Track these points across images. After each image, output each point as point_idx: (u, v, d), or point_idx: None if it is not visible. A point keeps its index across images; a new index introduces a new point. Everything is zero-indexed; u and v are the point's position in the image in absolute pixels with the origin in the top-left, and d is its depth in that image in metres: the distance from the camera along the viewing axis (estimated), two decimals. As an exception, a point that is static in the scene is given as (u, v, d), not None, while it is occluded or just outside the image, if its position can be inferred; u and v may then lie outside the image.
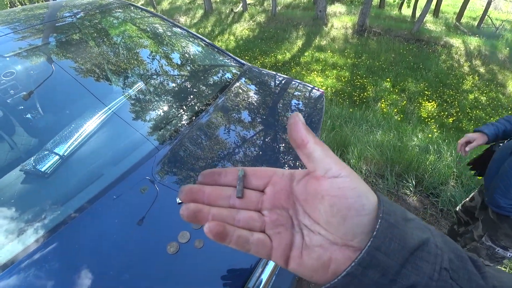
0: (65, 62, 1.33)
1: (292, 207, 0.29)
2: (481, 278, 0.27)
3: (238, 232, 0.28)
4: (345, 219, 0.25)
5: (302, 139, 0.27)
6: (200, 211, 0.28)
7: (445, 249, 0.27)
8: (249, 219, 0.29)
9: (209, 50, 1.73)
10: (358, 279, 0.25)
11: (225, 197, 0.30)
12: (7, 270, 0.66)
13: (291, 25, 12.03)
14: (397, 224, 0.25)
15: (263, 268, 0.72)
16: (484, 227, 1.36)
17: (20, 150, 1.09)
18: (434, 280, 0.25)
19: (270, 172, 0.31)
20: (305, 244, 0.28)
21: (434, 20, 12.92)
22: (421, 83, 7.77)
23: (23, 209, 0.80)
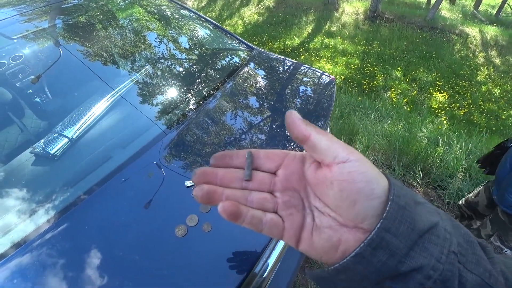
0: (72, 45, 1.32)
1: (304, 189, 0.30)
2: (489, 262, 0.28)
3: (251, 212, 0.28)
4: (355, 203, 0.25)
5: (304, 134, 0.27)
6: (214, 192, 0.29)
7: (454, 233, 0.27)
8: (262, 200, 0.29)
9: (217, 33, 1.69)
10: (366, 259, 0.25)
11: (238, 179, 0.30)
12: (19, 249, 0.68)
13: (301, 9, 11.71)
14: (407, 206, 0.25)
15: (270, 252, 0.72)
16: (493, 227, 1.34)
17: (30, 133, 1.10)
18: (441, 262, 0.25)
19: (282, 155, 0.31)
20: (315, 225, 0.28)
21: (450, 7, 12.43)
22: (433, 73, 7.56)
23: (34, 190, 0.82)
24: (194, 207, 0.73)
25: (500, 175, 1.25)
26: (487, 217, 1.40)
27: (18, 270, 0.64)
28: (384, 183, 0.26)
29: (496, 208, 1.32)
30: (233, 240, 0.69)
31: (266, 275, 0.70)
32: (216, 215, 0.71)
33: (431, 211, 0.27)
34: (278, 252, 0.75)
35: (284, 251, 0.80)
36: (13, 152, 1.00)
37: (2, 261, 0.66)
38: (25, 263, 0.65)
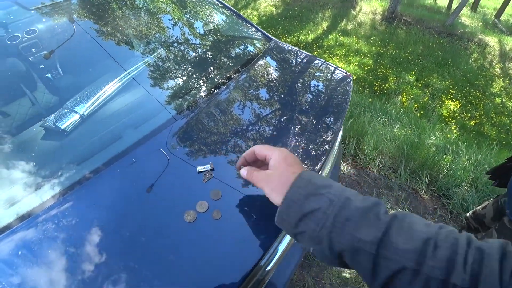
0: (87, 23, 1.30)
1: None
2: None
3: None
4: None
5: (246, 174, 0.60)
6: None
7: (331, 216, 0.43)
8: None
9: (235, 20, 1.66)
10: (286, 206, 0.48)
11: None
12: (24, 221, 0.68)
13: (318, 5, 11.52)
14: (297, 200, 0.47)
15: (277, 245, 0.72)
16: (499, 236, 1.32)
17: (40, 107, 1.10)
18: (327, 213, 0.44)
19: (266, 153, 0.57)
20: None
21: (471, 15, 12.13)
22: (447, 81, 7.43)
23: (42, 164, 0.81)
24: (204, 193, 0.72)
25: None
26: (492, 227, 1.38)
27: (22, 243, 0.64)
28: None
29: (503, 218, 1.30)
30: (242, 230, 0.68)
31: (270, 267, 0.70)
32: (226, 203, 0.70)
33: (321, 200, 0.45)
34: (284, 246, 0.74)
35: (291, 243, 0.79)
36: (24, 124, 0.99)
37: (6, 232, 0.66)
38: (30, 237, 0.65)
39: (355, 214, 0.42)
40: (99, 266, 0.60)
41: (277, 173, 0.51)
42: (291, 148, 0.92)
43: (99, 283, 0.57)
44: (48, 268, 0.60)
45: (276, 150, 0.55)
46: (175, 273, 0.60)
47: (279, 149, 0.55)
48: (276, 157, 0.53)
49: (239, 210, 0.70)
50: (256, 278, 0.66)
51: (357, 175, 2.48)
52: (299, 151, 0.92)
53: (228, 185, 0.74)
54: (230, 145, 0.89)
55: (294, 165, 0.52)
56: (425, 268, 0.38)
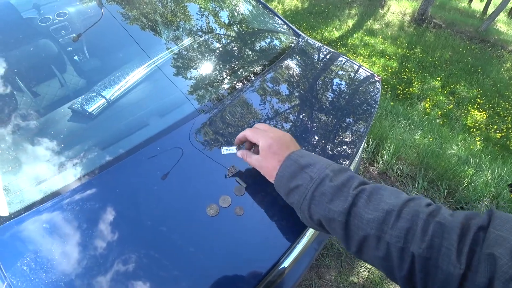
0: (115, 8, 1.31)
1: None
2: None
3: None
4: None
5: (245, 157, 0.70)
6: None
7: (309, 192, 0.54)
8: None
9: (264, 13, 1.64)
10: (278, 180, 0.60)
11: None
12: (50, 201, 0.70)
13: (345, 2, 11.22)
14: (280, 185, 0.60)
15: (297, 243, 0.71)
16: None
17: (69, 89, 1.12)
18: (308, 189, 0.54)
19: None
20: None
21: (508, 21, 11.50)
22: (475, 89, 7.11)
23: (70, 146, 0.83)
24: (228, 188, 0.72)
25: None
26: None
27: (47, 222, 0.66)
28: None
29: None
30: (264, 229, 0.67)
31: (286, 266, 0.69)
32: (250, 200, 0.70)
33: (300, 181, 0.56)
34: (301, 248, 0.73)
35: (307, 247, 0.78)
36: (52, 104, 1.02)
37: (32, 210, 0.69)
38: (54, 216, 0.67)
39: (329, 189, 0.51)
40: (120, 252, 0.61)
41: (265, 161, 0.62)
42: (314, 149, 0.91)
43: (120, 269, 0.59)
44: (71, 250, 0.61)
45: (261, 138, 0.63)
46: (193, 264, 0.60)
47: (264, 136, 0.63)
48: (262, 146, 0.62)
49: (262, 208, 0.69)
50: (271, 276, 0.66)
51: (374, 179, 2.42)
52: (323, 152, 0.90)
53: (252, 182, 0.74)
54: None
55: (279, 152, 0.60)
56: (386, 236, 0.44)
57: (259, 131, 0.65)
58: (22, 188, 0.72)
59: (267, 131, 0.65)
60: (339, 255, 1.79)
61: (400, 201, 0.46)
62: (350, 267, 1.77)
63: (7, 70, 0.96)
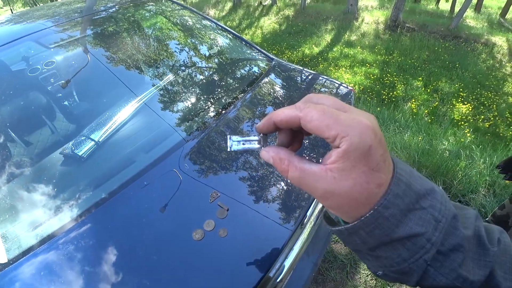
0: (101, 53, 1.40)
1: None
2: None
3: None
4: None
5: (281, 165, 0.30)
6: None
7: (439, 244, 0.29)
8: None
9: (238, 43, 1.74)
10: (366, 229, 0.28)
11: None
12: (46, 244, 0.73)
13: (321, 19, 11.74)
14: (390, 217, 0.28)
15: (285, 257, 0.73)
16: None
17: (59, 135, 1.17)
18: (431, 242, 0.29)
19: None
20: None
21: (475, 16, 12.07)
22: (456, 84, 7.33)
23: (62, 189, 0.87)
24: (211, 212, 0.76)
25: None
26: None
27: (44, 264, 0.69)
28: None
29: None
30: (248, 246, 0.70)
31: (281, 278, 0.71)
32: (232, 221, 0.73)
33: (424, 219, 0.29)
34: (290, 261, 0.75)
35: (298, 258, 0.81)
36: (44, 151, 1.07)
37: (29, 255, 0.71)
38: (51, 258, 0.70)
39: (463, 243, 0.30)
40: (114, 284, 0.64)
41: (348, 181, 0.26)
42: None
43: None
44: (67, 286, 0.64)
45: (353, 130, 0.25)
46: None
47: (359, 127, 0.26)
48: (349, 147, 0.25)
49: (245, 228, 0.73)
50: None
51: (369, 185, 2.45)
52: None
53: (234, 203, 0.77)
54: (236, 164, 0.93)
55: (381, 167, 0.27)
56: None
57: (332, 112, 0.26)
58: (19, 234, 0.75)
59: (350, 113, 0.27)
60: (344, 267, 1.78)
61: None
62: (356, 277, 1.75)
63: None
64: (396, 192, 0.27)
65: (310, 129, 0.27)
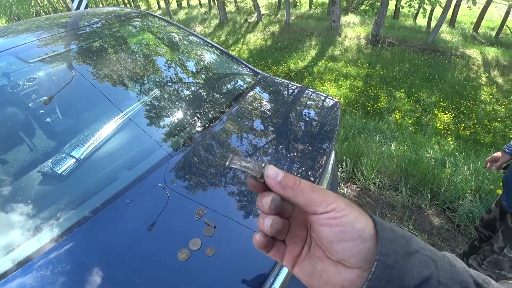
0: (85, 69, 1.37)
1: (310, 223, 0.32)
2: None
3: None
4: (343, 246, 0.28)
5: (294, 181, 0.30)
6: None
7: (449, 283, 0.27)
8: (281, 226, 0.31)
9: (224, 58, 1.75)
10: None
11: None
12: (22, 268, 0.67)
13: (305, 35, 12.11)
14: (395, 264, 0.26)
15: (274, 279, 0.70)
16: (505, 238, 1.30)
17: (38, 152, 1.13)
18: None
19: None
20: (309, 253, 0.32)
21: (450, 31, 12.74)
22: (437, 94, 7.62)
23: (39, 209, 0.82)
24: (197, 230, 0.72)
25: (509, 180, 1.23)
26: (499, 230, 1.36)
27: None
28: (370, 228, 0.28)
29: (506, 217, 1.28)
30: (236, 265, 0.67)
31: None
32: (219, 239, 0.70)
33: (425, 261, 0.27)
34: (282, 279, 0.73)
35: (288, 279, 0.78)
36: (21, 170, 1.02)
37: (3, 280, 0.66)
38: (28, 283, 0.65)
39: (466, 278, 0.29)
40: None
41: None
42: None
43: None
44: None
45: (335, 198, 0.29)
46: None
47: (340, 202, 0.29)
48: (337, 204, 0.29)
49: (233, 246, 0.70)
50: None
51: (358, 196, 2.46)
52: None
53: (221, 220, 0.75)
54: (224, 179, 0.90)
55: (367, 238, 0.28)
56: None
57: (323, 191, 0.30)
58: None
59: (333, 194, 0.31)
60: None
61: None
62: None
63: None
64: (386, 237, 0.27)
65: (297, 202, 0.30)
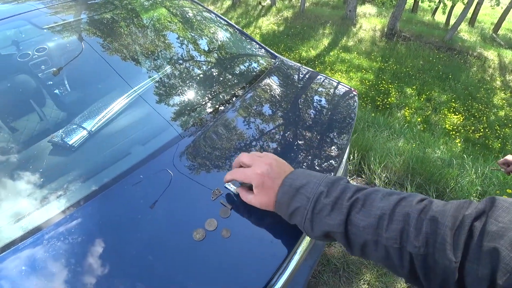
0: (95, 41, 1.33)
1: None
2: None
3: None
4: None
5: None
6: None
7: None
8: None
9: (240, 38, 1.70)
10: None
11: None
12: (30, 237, 0.67)
13: (319, 23, 11.80)
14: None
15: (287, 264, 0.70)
16: None
17: (49, 122, 1.11)
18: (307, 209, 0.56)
19: None
20: None
21: (469, 29, 12.36)
22: (449, 94, 7.46)
23: (50, 180, 0.81)
24: (214, 211, 0.71)
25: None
26: None
27: (27, 259, 0.63)
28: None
29: None
30: (252, 249, 0.66)
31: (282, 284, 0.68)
32: (236, 221, 0.69)
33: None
34: (293, 265, 0.72)
35: (300, 262, 0.77)
36: (32, 139, 1.00)
37: (12, 249, 0.65)
38: (35, 253, 0.64)
39: (326, 205, 0.53)
40: (106, 285, 0.59)
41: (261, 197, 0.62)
42: (300, 165, 0.92)
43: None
44: (52, 286, 0.58)
45: (252, 178, 0.62)
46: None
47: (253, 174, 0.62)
48: (255, 186, 0.62)
49: (249, 229, 0.68)
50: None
51: (363, 189, 2.44)
52: (306, 167, 0.92)
53: (237, 203, 0.73)
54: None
55: (272, 185, 0.61)
56: (382, 240, 0.47)
57: (246, 171, 0.64)
58: (0, 226, 0.69)
59: (254, 166, 0.64)
60: (337, 270, 1.76)
61: (392, 203, 0.48)
62: (349, 281, 1.73)
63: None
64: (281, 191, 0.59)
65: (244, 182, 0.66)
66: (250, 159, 0.65)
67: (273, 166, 0.62)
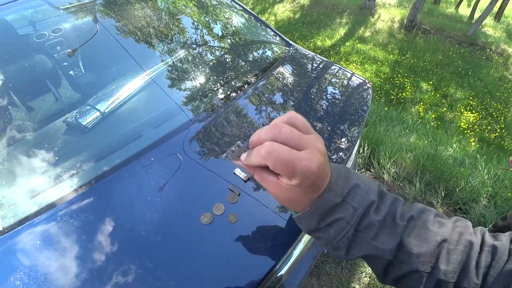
0: (109, 22, 1.33)
1: None
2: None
3: None
4: None
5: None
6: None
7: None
8: None
9: (256, 24, 1.67)
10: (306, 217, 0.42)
11: None
12: (44, 214, 0.70)
13: (336, 11, 11.46)
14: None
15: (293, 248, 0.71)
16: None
17: (63, 103, 1.13)
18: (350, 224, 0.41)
19: None
20: None
21: (495, 25, 11.79)
22: (467, 91, 7.22)
23: (64, 159, 0.83)
24: (221, 196, 0.72)
25: None
26: None
27: (41, 234, 0.66)
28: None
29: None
30: (258, 235, 0.67)
31: (283, 273, 0.69)
32: (243, 207, 0.70)
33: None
34: (298, 253, 0.73)
35: (304, 251, 0.78)
36: (47, 119, 1.03)
37: (27, 223, 0.68)
38: (48, 229, 0.67)
39: (375, 222, 0.41)
40: (116, 263, 0.61)
41: (301, 196, 0.39)
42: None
43: (116, 281, 0.58)
44: (66, 263, 0.61)
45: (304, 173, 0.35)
46: (188, 273, 0.60)
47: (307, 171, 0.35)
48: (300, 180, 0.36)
49: (256, 215, 0.70)
50: (268, 284, 0.66)
51: (371, 184, 2.43)
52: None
53: (245, 189, 0.74)
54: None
55: (320, 186, 0.39)
56: (437, 272, 0.39)
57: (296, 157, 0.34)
58: (16, 201, 0.72)
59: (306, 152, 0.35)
60: (339, 262, 1.78)
61: (448, 229, 0.42)
62: (351, 273, 1.75)
63: (2, 85, 0.97)
64: (325, 197, 0.40)
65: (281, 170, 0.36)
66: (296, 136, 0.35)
67: (326, 157, 0.38)
